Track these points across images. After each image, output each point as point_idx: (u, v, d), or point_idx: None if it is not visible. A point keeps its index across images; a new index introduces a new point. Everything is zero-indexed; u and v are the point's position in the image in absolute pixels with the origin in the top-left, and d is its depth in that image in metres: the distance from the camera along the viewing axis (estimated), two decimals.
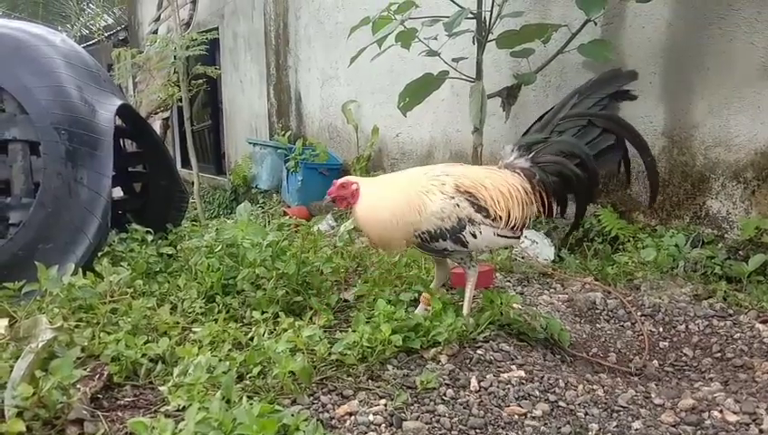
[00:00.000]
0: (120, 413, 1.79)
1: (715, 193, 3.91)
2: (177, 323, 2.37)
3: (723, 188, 3.87)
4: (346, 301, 2.82)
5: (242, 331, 2.27)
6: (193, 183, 6.89)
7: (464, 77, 4.01)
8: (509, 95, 3.83)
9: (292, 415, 1.62)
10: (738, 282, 3.38)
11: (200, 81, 7.13)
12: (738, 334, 2.54)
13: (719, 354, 2.45)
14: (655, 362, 2.47)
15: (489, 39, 3.93)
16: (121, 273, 2.49)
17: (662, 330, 2.65)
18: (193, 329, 2.34)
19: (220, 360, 1.97)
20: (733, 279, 3.42)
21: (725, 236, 3.85)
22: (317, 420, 1.64)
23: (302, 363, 1.86)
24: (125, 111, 3.31)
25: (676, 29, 3.95)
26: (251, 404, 1.61)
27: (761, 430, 1.76)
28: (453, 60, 3.99)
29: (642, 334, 2.61)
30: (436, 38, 4.02)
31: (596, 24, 3.76)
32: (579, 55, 3.82)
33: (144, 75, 7.90)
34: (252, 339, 2.16)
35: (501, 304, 2.45)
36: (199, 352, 1.99)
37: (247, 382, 1.90)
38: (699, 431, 1.76)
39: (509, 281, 3.34)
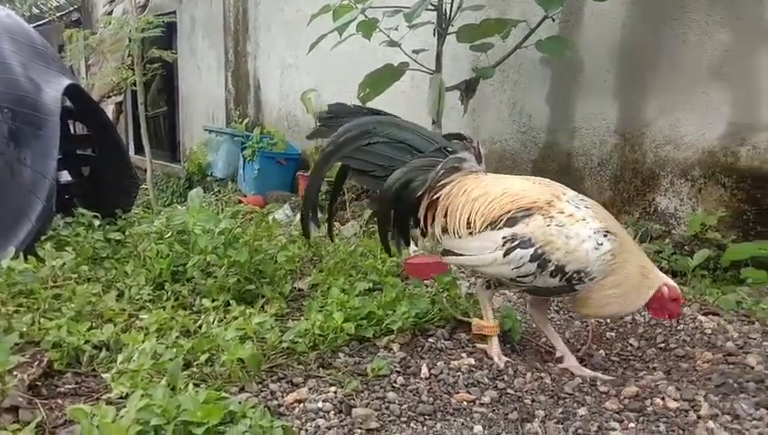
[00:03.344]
0: (59, 401, 1.73)
1: (663, 190, 4.03)
2: (124, 309, 2.31)
3: (671, 186, 3.99)
4: (300, 290, 2.79)
5: (191, 318, 2.22)
6: (146, 170, 6.73)
7: (423, 69, 4.01)
8: (467, 88, 3.85)
9: (240, 402, 1.59)
10: (683, 276, 3.49)
11: (155, 65, 6.95)
12: (681, 326, 2.61)
13: (663, 345, 2.51)
14: (602, 351, 2.52)
15: (449, 32, 3.95)
16: (65, 257, 2.40)
17: (609, 321, 2.71)
18: (140, 316, 2.28)
19: (167, 347, 1.93)
20: (678, 273, 3.53)
21: (673, 231, 3.97)
22: (264, 407, 1.61)
23: (251, 351, 1.83)
24: (74, 92, 3.20)
25: (631, 29, 4.04)
26: (197, 391, 1.58)
27: (699, 416, 1.82)
28: (413, 51, 3.99)
29: (589, 325, 2.67)
30: (396, 29, 4.01)
31: (554, 20, 3.81)
32: (537, 51, 3.87)
33: (98, 58, 7.67)
34: (201, 327, 2.12)
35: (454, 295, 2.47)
36: (145, 339, 1.95)
37: (194, 370, 1.86)
38: (642, 418, 1.80)
39: (462, 272, 3.36)
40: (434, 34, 3.90)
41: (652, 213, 4.06)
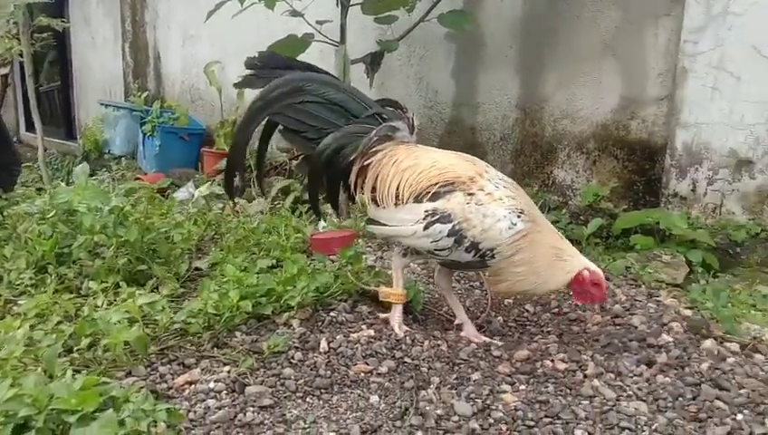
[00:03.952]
0: None
1: (561, 163, 4.19)
2: (0, 295, 2.14)
3: (568, 158, 4.15)
4: (198, 269, 2.69)
5: (75, 302, 2.09)
6: (37, 148, 6.26)
7: (328, 41, 3.94)
8: (372, 62, 3.82)
9: (122, 387, 1.51)
10: (578, 244, 3.65)
11: (44, 34, 6.43)
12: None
13: (557, 310, 2.62)
14: (500, 318, 2.60)
15: (353, 3, 3.89)
16: None
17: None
18: (18, 302, 2.12)
19: (46, 333, 1.81)
20: (574, 242, 3.67)
21: (569, 202, 4.14)
22: (149, 390, 1.54)
23: (137, 333, 1.74)
24: None
25: (532, 4, 4.13)
26: (74, 377, 1.48)
27: (585, 375, 1.91)
28: (317, 22, 3.91)
29: (488, 293, 2.74)
30: None
31: None
32: (443, 26, 3.88)
33: None
34: (84, 310, 1.99)
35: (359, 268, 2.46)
36: (21, 326, 1.81)
37: (76, 356, 1.75)
38: (532, 379, 1.87)
39: (370, 246, 3.36)
40: (337, 5, 3.83)
41: (551, 185, 4.22)
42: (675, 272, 3.15)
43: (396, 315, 2.22)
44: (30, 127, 8.03)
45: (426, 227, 2.06)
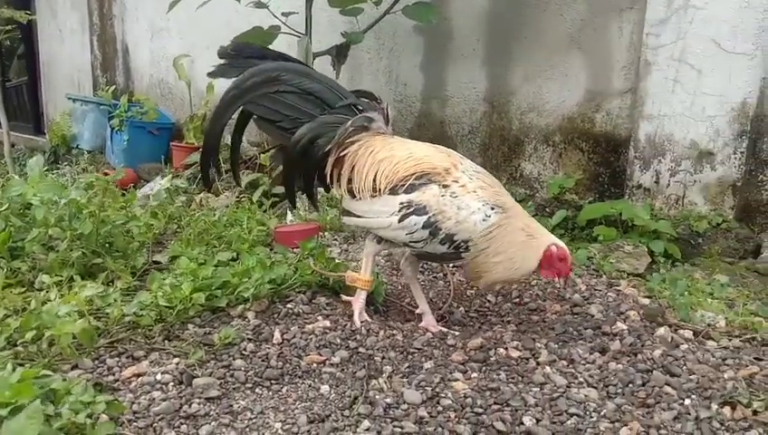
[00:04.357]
0: None
1: (528, 156, 4.21)
2: None
3: (535, 151, 4.17)
4: (158, 263, 2.66)
5: (27, 296, 2.05)
6: (2, 143, 6.13)
7: (294, 33, 3.91)
8: (338, 54, 3.80)
9: (64, 380, 1.48)
10: None
11: (7, 27, 6.29)
12: (535, 281, 2.74)
13: (517, 300, 2.63)
14: (461, 308, 2.60)
15: None
16: None
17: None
18: None
19: None
20: None
21: (536, 195, 4.16)
22: (91, 383, 1.51)
23: (82, 326, 1.71)
24: None
25: None
26: (13, 370, 1.45)
27: (538, 363, 1.92)
28: (282, 14, 3.88)
29: (451, 284, 2.75)
30: None
31: None
32: (414, 20, 3.87)
33: None
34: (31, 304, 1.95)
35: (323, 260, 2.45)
36: None
37: (20, 349, 1.71)
38: (484, 367, 1.88)
39: (336, 239, 3.35)
40: None
41: (518, 178, 4.24)
42: (636, 262, 3.18)
43: (359, 301, 2.22)
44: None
45: (401, 220, 2.07)
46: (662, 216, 3.54)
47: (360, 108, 2.25)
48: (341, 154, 2.20)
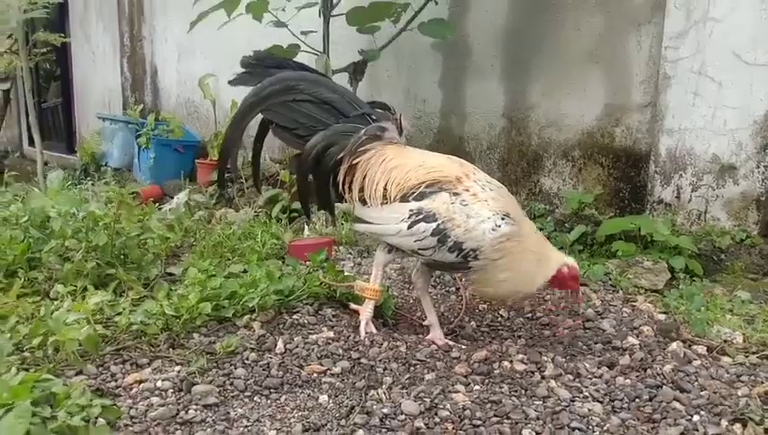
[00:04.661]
0: None
1: (547, 171, 4.17)
2: None
3: (554, 167, 4.13)
4: (172, 274, 2.70)
5: (37, 305, 2.10)
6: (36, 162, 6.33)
7: (313, 51, 3.97)
8: (355, 71, 3.84)
9: (65, 384, 1.51)
10: (562, 250, 3.62)
11: (43, 50, 6.53)
12: (548, 296, 2.70)
13: (530, 314, 2.59)
14: (473, 323, 2.57)
15: (337, 13, 3.92)
16: None
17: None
18: None
19: (2, 332, 1.81)
20: (559, 249, 3.66)
21: (555, 210, 4.11)
22: (92, 389, 1.54)
23: (87, 332, 1.74)
24: None
25: (516, 14, 4.14)
26: (16, 374, 1.48)
27: (543, 377, 1.88)
28: (302, 33, 3.94)
29: (462, 298, 2.72)
30: (284, 9, 3.95)
31: (436, 3, 3.85)
32: (430, 37, 3.90)
33: None
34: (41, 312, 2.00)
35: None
36: None
37: (27, 355, 1.75)
38: (487, 380, 1.85)
39: (350, 253, 3.36)
40: (319, 15, 3.86)
41: (537, 193, 4.20)
42: (655, 278, 3.11)
43: (366, 311, 2.22)
44: (32, 141, 8.12)
45: (410, 226, 2.07)
46: (684, 231, 3.46)
47: (374, 118, 2.27)
48: (354, 162, 2.21)
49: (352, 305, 2.32)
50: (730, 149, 3.34)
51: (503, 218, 2.03)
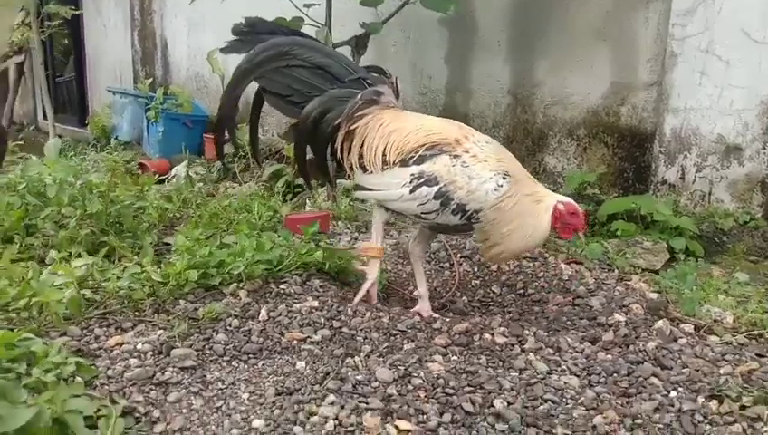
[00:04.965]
0: None
1: (552, 150, 4.13)
2: None
3: (559, 145, 4.09)
4: (168, 244, 2.72)
5: (29, 268, 2.13)
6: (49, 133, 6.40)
7: (316, 24, 3.94)
8: (357, 44, 3.81)
9: (45, 343, 1.54)
10: None
11: (55, 22, 6.56)
12: (542, 273, 2.69)
13: (522, 291, 2.59)
14: (464, 298, 2.58)
15: None
16: None
17: (476, 270, 2.77)
18: None
19: None
20: None
21: (560, 190, 4.07)
22: (74, 350, 1.57)
23: (71, 295, 1.77)
24: None
25: None
26: None
27: (522, 349, 1.88)
28: (305, 5, 3.92)
29: (456, 274, 2.72)
30: None
31: None
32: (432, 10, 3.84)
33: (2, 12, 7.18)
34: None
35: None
36: None
37: (13, 315, 1.79)
38: (466, 351, 1.85)
39: (348, 228, 3.36)
40: None
41: (542, 172, 4.16)
42: (654, 258, 3.08)
43: (373, 270, 2.24)
44: (47, 115, 8.20)
45: (412, 190, 2.07)
46: (687, 212, 3.41)
47: (370, 82, 2.25)
48: (352, 128, 2.20)
49: (360, 268, 2.32)
50: (736, 129, 3.28)
51: (504, 178, 2.03)
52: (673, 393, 1.66)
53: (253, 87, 2.37)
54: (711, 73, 3.30)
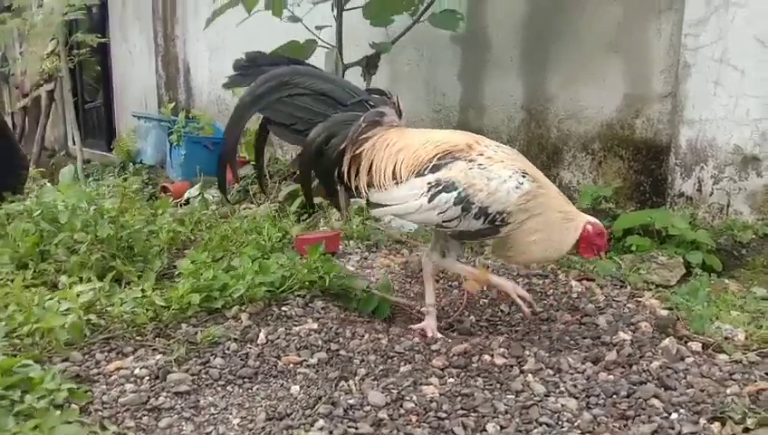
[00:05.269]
0: None
1: (567, 164, 4.08)
2: None
3: (574, 160, 4.04)
4: (174, 267, 2.77)
5: (38, 294, 2.18)
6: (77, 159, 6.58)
7: (328, 45, 3.99)
8: (368, 64, 3.84)
9: (43, 369, 1.58)
10: None
11: (83, 50, 6.78)
12: (551, 291, 2.66)
13: (530, 309, 2.55)
14: (472, 317, 2.55)
15: (351, 8, 3.93)
16: None
17: (485, 289, 2.74)
18: None
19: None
20: None
21: (575, 205, 4.00)
22: (74, 375, 1.60)
23: (72, 320, 1.81)
24: None
25: (534, 5, 4.06)
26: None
27: (521, 371, 1.85)
28: (316, 27, 3.97)
29: (465, 293, 2.69)
30: (299, 5, 3.99)
31: None
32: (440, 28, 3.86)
33: (35, 42, 7.44)
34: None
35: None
36: None
37: (16, 341, 1.83)
38: (463, 373, 1.83)
39: (359, 247, 3.37)
40: (332, 10, 3.88)
41: (558, 187, 4.10)
42: (669, 274, 3.01)
43: (502, 281, 2.27)
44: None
45: (430, 199, 2.02)
46: (705, 225, 3.33)
47: (372, 103, 2.26)
48: (357, 151, 2.19)
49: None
50: (753, 139, 3.20)
51: (523, 176, 2.01)
52: (674, 415, 1.61)
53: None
54: (726, 83, 3.24)
